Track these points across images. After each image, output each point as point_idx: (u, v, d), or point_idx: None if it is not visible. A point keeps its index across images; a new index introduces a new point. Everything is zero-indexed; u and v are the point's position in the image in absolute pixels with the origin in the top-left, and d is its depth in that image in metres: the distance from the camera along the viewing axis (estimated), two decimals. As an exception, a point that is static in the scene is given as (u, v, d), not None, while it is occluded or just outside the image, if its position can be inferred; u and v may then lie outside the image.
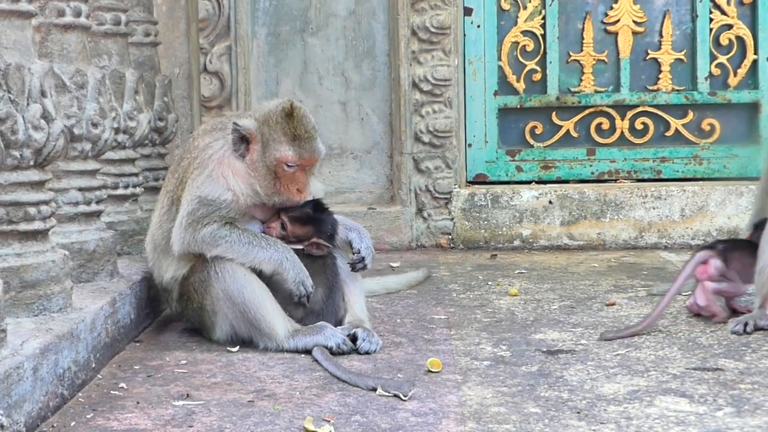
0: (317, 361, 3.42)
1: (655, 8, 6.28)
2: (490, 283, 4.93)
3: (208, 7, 5.99)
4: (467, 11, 6.23)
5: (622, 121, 6.29)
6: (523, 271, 5.26)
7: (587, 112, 6.30)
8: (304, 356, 3.53)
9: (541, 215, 6.05)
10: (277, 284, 3.63)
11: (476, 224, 6.08)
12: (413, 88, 6.04)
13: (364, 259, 3.77)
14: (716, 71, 6.26)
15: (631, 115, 6.29)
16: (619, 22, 6.27)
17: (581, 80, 6.30)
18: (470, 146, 6.28)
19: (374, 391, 3.07)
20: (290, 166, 3.64)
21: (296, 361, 3.48)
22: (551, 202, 6.05)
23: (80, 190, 3.87)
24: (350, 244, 3.81)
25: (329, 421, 2.78)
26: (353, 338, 3.59)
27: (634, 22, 6.27)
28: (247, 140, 3.66)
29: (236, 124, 3.66)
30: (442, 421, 2.79)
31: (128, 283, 3.88)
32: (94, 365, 3.28)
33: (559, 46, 6.27)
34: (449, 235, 6.09)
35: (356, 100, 6.23)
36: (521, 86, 6.30)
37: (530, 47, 6.29)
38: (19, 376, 2.62)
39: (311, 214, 3.72)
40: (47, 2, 3.76)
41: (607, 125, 6.31)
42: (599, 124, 6.31)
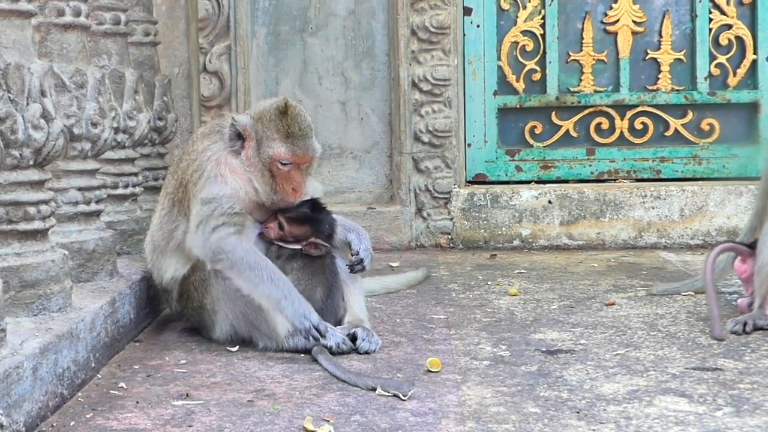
0: (317, 360, 3.42)
1: (654, 8, 6.28)
2: (489, 282, 4.93)
3: (207, 6, 5.99)
4: (467, 11, 6.23)
5: (621, 120, 6.29)
6: (522, 270, 5.26)
7: (587, 111, 6.30)
8: (303, 356, 3.52)
9: (540, 215, 6.05)
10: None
11: (476, 224, 6.08)
12: (413, 87, 6.04)
13: (362, 261, 3.76)
14: (716, 71, 6.26)
15: (630, 115, 6.29)
16: (618, 21, 6.27)
17: (581, 80, 6.30)
18: (470, 146, 6.28)
19: (374, 390, 3.07)
20: (284, 164, 3.64)
21: (296, 360, 3.48)
22: (551, 201, 6.05)
23: (80, 189, 3.87)
24: (349, 245, 3.81)
25: (329, 420, 2.78)
26: (353, 338, 3.59)
27: (633, 22, 6.26)
28: (242, 137, 3.67)
29: (233, 119, 3.68)
30: (441, 421, 2.79)
31: (128, 282, 3.88)
32: (93, 365, 3.28)
33: (558, 45, 6.27)
34: (449, 234, 6.08)
35: (356, 99, 6.23)
36: (521, 86, 6.29)
37: (530, 47, 6.29)
38: (18, 375, 2.62)
39: (309, 214, 3.72)
40: (47, 2, 3.75)
41: (606, 125, 6.31)
42: (599, 123, 6.31)
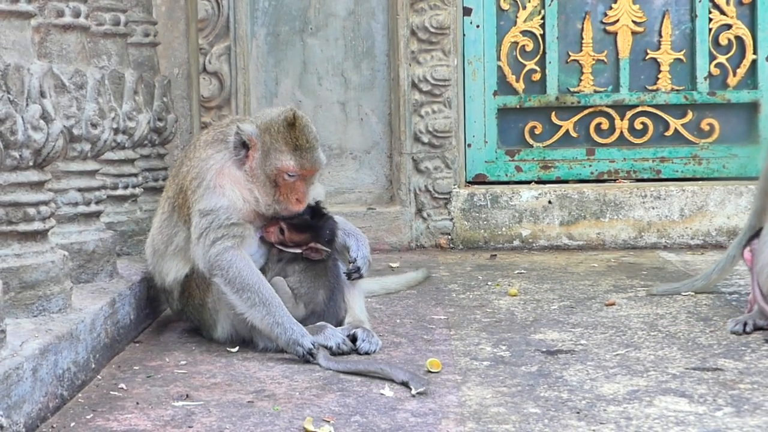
0: (329, 368, 3.40)
1: (654, 8, 6.28)
2: (489, 283, 4.93)
3: (207, 7, 5.99)
4: (466, 11, 6.23)
5: (621, 121, 6.29)
6: (522, 271, 5.25)
7: (587, 112, 6.30)
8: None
9: (540, 215, 6.05)
10: (277, 285, 3.63)
11: (476, 224, 6.08)
12: (412, 88, 6.04)
13: (359, 269, 3.77)
14: (715, 71, 6.26)
15: (630, 115, 6.29)
16: (618, 22, 6.27)
17: (580, 80, 6.30)
18: (470, 146, 6.28)
19: (405, 385, 3.08)
20: (291, 176, 3.63)
21: (296, 361, 3.47)
22: (551, 202, 6.05)
23: (79, 190, 3.87)
24: (348, 250, 3.81)
25: (329, 421, 2.78)
26: (353, 338, 3.59)
27: (633, 22, 6.26)
28: (247, 146, 3.65)
29: (239, 128, 3.65)
30: (441, 421, 2.79)
31: (128, 283, 3.88)
32: (93, 366, 3.28)
33: (558, 46, 6.27)
34: (449, 235, 6.08)
35: (356, 100, 6.23)
36: (520, 86, 6.29)
37: (529, 47, 6.29)
38: (18, 376, 2.62)
39: (309, 221, 3.71)
40: (46, 2, 3.75)
41: (606, 125, 6.31)
42: (599, 124, 6.31)
